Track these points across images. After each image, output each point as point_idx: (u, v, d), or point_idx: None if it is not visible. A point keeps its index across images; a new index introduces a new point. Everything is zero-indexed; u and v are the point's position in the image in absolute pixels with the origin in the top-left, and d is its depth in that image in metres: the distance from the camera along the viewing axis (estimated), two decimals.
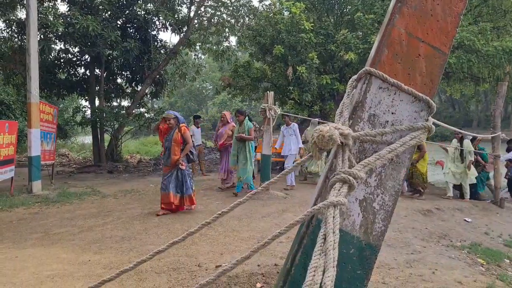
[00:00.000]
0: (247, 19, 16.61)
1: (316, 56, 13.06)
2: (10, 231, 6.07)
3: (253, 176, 9.47)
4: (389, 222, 1.48)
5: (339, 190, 1.29)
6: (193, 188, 7.25)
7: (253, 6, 16.75)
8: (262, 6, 17.25)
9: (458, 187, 10.70)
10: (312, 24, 13.61)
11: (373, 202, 1.47)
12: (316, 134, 1.37)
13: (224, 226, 6.26)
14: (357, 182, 1.34)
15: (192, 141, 7.33)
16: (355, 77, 1.61)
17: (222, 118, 9.91)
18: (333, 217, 1.19)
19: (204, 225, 1.44)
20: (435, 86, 1.55)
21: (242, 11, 16.53)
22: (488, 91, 21.37)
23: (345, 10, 16.59)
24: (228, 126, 9.64)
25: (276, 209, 7.63)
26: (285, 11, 14.32)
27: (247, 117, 8.96)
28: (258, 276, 4.10)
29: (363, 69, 1.55)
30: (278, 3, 15.61)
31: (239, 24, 16.75)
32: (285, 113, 10.63)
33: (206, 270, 4.32)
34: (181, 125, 6.98)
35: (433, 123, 1.60)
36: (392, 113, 1.51)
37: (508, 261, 5.84)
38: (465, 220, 8.40)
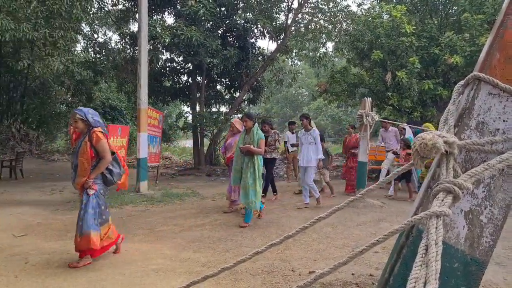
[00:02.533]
0: (344, 24, 16.42)
1: (417, 60, 12.49)
2: (120, 227, 6.59)
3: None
4: (498, 237, 1.39)
5: (442, 200, 1.24)
6: (100, 227, 4.67)
7: (351, 11, 16.50)
8: (361, 11, 16.94)
9: None
10: (414, 27, 13.05)
11: (480, 214, 1.39)
12: (418, 142, 1.33)
13: (318, 232, 6.23)
14: (463, 192, 1.28)
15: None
16: (461, 82, 1.54)
17: (231, 127, 8.21)
18: (436, 227, 1.15)
19: (302, 229, 1.47)
20: None
21: (340, 17, 16.37)
22: None
23: (450, 11, 15.67)
24: (239, 136, 7.62)
25: (372, 218, 7.42)
26: (385, 14, 13.90)
27: (256, 124, 7.19)
28: (352, 286, 4.03)
29: (471, 74, 1.48)
30: (377, 7, 15.22)
31: (336, 30, 16.61)
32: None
33: (300, 275, 4.33)
34: (93, 130, 4.63)
35: None
36: (504, 121, 1.42)
37: None
38: None
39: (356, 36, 14.61)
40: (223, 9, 15.63)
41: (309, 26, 16.89)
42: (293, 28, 16.73)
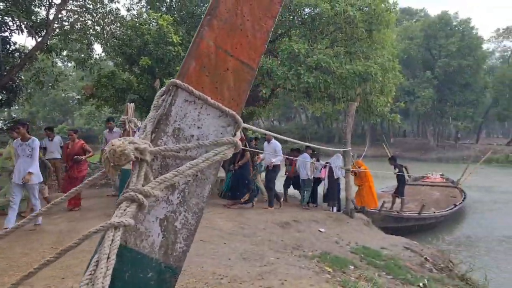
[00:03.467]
0: (113, 27, 15.90)
1: None
2: None
3: None
4: (191, 242, 1.41)
5: (125, 210, 1.18)
6: None
7: (120, 14, 16.09)
8: (130, 16, 16.71)
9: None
10: (181, 38, 13.53)
11: (175, 221, 1.39)
12: (108, 148, 1.26)
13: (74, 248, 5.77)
14: (149, 200, 1.25)
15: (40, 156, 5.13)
16: (163, 89, 1.54)
17: None
18: (112, 240, 1.08)
19: None
20: (242, 101, 1.53)
21: (108, 19, 15.78)
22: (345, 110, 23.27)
23: None
24: None
25: None
26: (153, 22, 14.02)
27: None
28: None
29: (170, 80, 1.48)
30: (145, 14, 15.25)
31: (104, 32, 15.96)
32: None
33: None
34: None
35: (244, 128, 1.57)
36: (198, 128, 1.46)
37: (352, 267, 6.30)
38: (319, 230, 8.93)
39: (125, 41, 14.33)
40: None
41: (75, 26, 15.78)
42: (56, 25, 15.38)
